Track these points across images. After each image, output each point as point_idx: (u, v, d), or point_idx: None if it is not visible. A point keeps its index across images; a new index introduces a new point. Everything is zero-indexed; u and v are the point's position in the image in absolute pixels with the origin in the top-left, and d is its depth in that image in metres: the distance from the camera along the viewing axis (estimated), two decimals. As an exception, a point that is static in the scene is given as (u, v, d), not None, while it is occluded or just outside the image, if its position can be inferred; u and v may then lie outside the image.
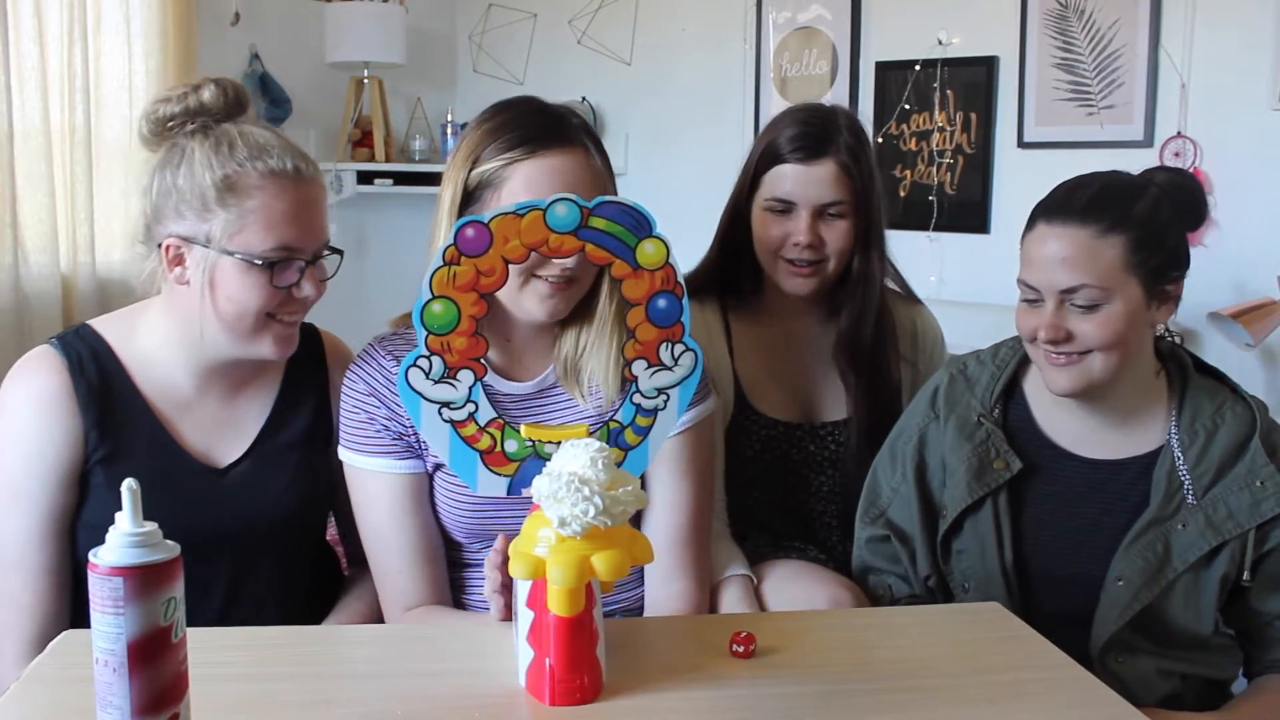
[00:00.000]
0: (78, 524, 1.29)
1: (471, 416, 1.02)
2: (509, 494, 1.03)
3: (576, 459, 0.93)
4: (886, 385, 1.65)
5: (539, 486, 0.92)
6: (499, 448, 1.02)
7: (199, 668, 0.87)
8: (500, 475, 1.03)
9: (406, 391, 1.00)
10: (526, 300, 1.23)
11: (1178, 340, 1.45)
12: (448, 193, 1.27)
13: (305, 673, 1.03)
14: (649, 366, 1.04)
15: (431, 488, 1.32)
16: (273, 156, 1.24)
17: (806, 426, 1.66)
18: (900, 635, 1.17)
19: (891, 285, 1.72)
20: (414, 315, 0.98)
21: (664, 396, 1.05)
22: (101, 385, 1.28)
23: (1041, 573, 1.38)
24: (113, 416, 1.28)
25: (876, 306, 1.64)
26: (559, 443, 1.00)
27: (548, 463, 0.98)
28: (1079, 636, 1.33)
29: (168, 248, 1.25)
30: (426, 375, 1.00)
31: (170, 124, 1.27)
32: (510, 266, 1.14)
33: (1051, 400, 1.40)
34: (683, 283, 1.03)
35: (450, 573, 1.35)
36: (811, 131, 1.59)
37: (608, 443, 1.02)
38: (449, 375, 1.00)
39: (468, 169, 1.25)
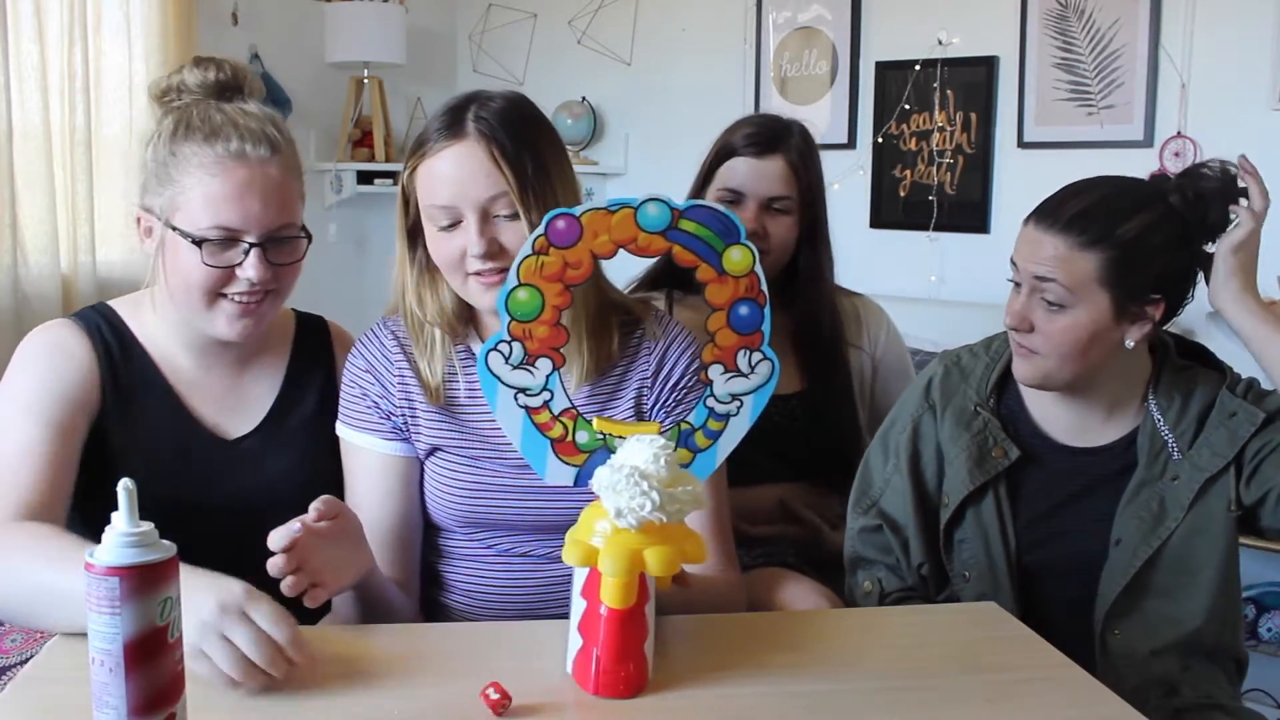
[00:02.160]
0: (108, 450, 1.28)
1: (546, 404, 1.03)
2: (575, 485, 1.04)
3: (640, 453, 0.94)
4: (838, 369, 1.77)
5: (600, 476, 0.94)
6: (570, 438, 1.04)
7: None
8: (569, 465, 1.04)
9: (485, 374, 1.01)
10: (471, 293, 1.25)
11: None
12: (401, 202, 1.31)
13: (303, 672, 1.03)
14: (725, 372, 1.05)
15: (422, 475, 1.33)
16: (220, 136, 1.25)
17: None
18: (900, 635, 1.17)
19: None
20: (498, 301, 1.00)
21: (737, 403, 1.05)
22: (120, 349, 1.32)
23: (1041, 559, 1.41)
24: (129, 378, 1.32)
25: (828, 294, 1.77)
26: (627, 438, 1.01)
27: None
28: (1081, 616, 1.37)
29: (139, 219, 1.31)
30: (506, 360, 1.01)
31: (165, 99, 1.32)
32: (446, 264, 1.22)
33: (1040, 392, 1.42)
34: (765, 291, 1.03)
35: (431, 562, 1.36)
36: (765, 132, 1.73)
37: (677, 444, 1.03)
38: (528, 362, 1.01)
39: (404, 176, 1.30)
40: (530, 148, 1.22)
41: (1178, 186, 1.35)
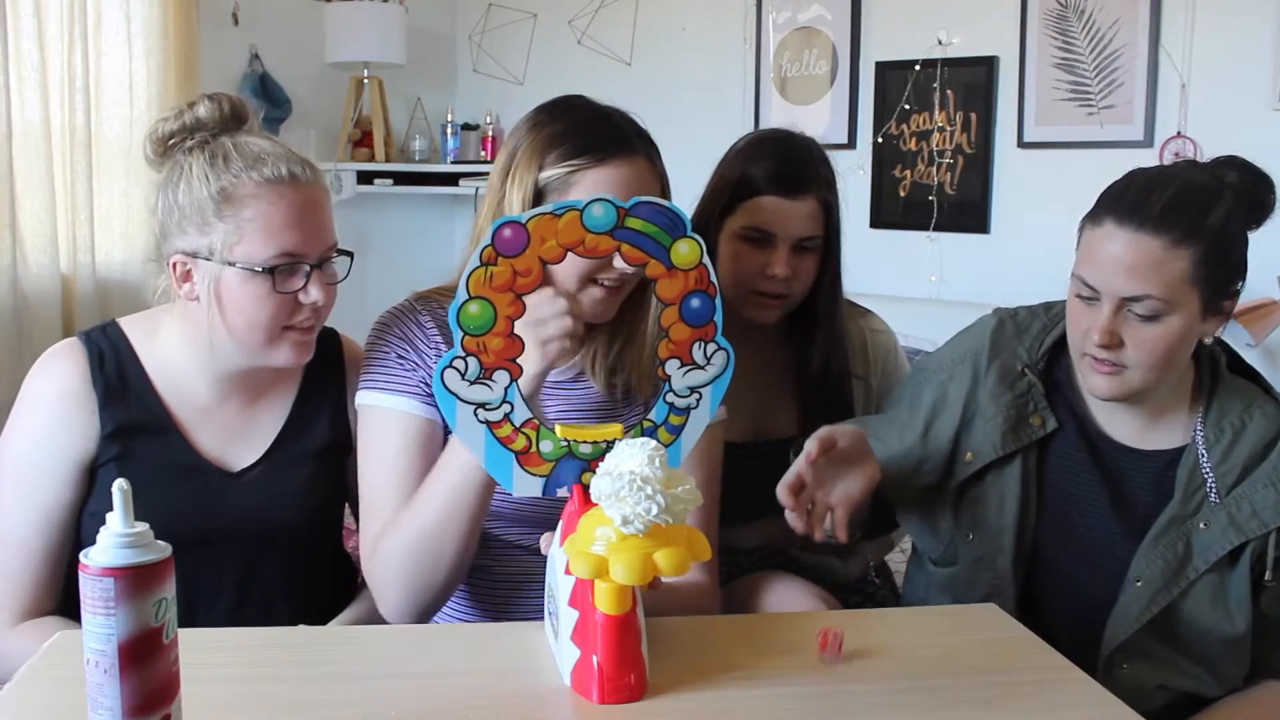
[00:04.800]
0: (83, 514, 1.31)
1: (507, 417, 1.02)
2: (544, 494, 1.03)
3: (634, 458, 0.93)
4: (841, 405, 1.66)
5: (599, 486, 0.92)
6: (534, 448, 1.03)
7: (193, 668, 0.87)
8: (535, 475, 1.03)
9: (442, 393, 1.00)
10: (583, 303, 1.21)
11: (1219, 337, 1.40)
12: (517, 195, 1.26)
13: (300, 674, 1.03)
14: (682, 365, 1.04)
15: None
16: (267, 164, 1.24)
17: (750, 445, 1.64)
18: (899, 636, 1.17)
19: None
20: (450, 316, 0.99)
21: (696, 395, 1.05)
22: (120, 385, 1.30)
23: (1052, 556, 1.35)
24: (128, 417, 1.30)
25: (838, 328, 1.65)
26: (592, 442, 1.01)
27: (583, 463, 1.00)
28: (1084, 640, 1.30)
29: (174, 264, 1.26)
30: (462, 376, 1.00)
31: (171, 141, 1.28)
32: (567, 272, 1.17)
33: None
34: (715, 282, 1.03)
35: None
36: (791, 167, 1.59)
37: None
38: (485, 376, 1.00)
39: (534, 172, 1.25)
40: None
41: (1228, 164, 1.29)
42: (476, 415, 1.01)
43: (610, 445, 1.00)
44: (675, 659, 1.05)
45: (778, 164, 1.59)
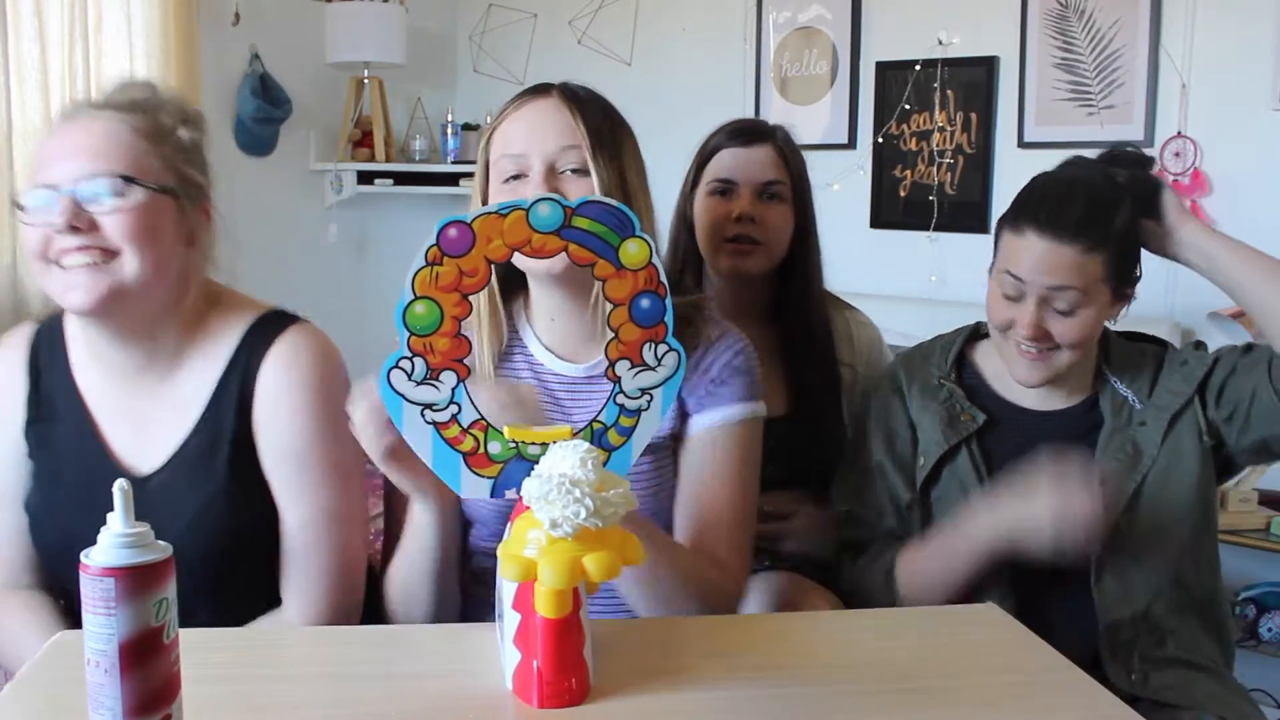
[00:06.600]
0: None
1: (454, 418, 1.01)
2: (492, 496, 1.03)
3: (566, 460, 0.92)
4: (830, 384, 1.72)
5: (529, 488, 0.92)
6: (482, 449, 1.02)
7: (192, 668, 0.87)
8: (483, 477, 1.02)
9: (389, 393, 0.99)
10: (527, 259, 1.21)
11: None
12: (478, 177, 1.33)
13: (300, 674, 1.03)
14: (632, 367, 1.04)
15: None
16: (64, 112, 1.26)
17: None
18: (897, 636, 1.17)
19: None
20: (396, 316, 0.98)
21: (647, 397, 1.05)
22: (50, 368, 1.30)
23: None
24: (50, 401, 1.29)
25: (819, 302, 1.74)
26: (543, 444, 1.00)
27: (532, 464, 0.98)
28: (1070, 565, 1.38)
29: None
30: (409, 377, 0.99)
31: None
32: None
33: (999, 367, 1.50)
34: (665, 282, 1.02)
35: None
36: (749, 125, 1.76)
37: (590, 444, 1.01)
38: (431, 377, 0.99)
39: (484, 152, 1.33)
40: (609, 120, 1.32)
41: (1115, 160, 1.49)
42: (423, 416, 1.00)
43: None
44: (627, 662, 1.04)
45: (734, 124, 1.76)
